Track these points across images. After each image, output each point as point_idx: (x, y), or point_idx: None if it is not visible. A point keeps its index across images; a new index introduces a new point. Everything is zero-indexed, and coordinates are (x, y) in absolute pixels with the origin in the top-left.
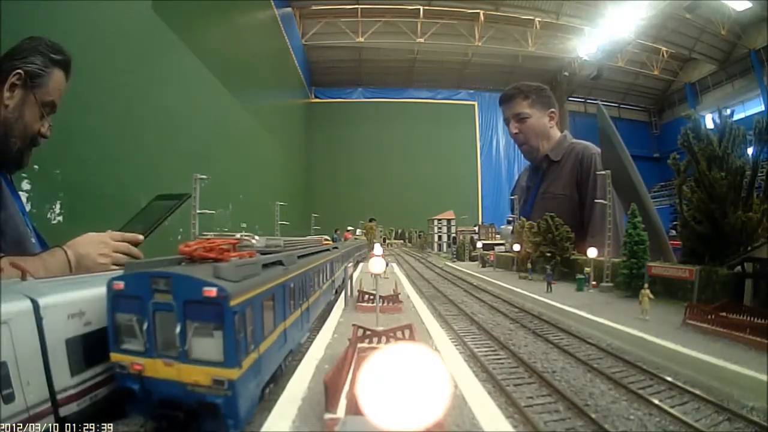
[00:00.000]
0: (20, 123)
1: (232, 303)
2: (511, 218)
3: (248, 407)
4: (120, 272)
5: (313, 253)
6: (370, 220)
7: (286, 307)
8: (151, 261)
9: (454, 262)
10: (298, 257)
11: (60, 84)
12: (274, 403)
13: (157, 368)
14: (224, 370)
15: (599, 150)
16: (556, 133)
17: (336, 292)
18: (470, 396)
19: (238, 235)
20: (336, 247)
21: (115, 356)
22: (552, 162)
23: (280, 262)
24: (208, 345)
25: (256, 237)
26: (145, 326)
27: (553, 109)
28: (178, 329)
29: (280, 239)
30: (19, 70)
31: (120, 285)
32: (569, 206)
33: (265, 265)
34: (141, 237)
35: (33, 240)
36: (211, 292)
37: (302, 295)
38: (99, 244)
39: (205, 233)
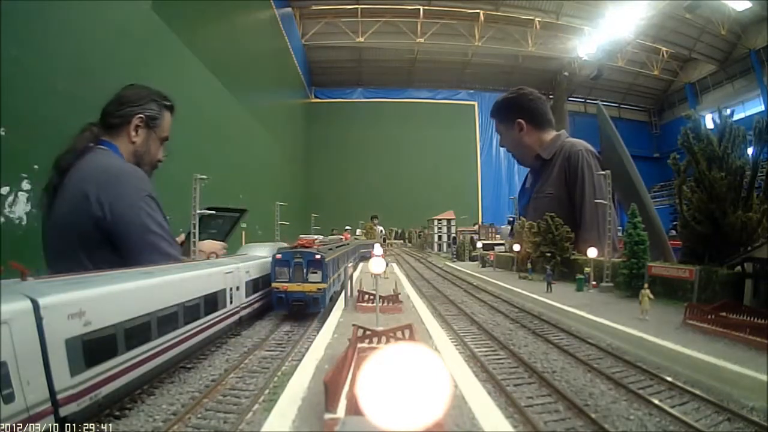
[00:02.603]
0: (147, 155)
1: (326, 260)
2: (511, 218)
3: (327, 301)
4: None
5: (341, 246)
6: (372, 218)
7: (334, 270)
8: (287, 247)
9: (454, 262)
10: (336, 247)
11: (169, 123)
12: (274, 402)
13: (293, 287)
14: (321, 284)
15: (588, 146)
16: (533, 139)
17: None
18: (470, 396)
19: (314, 236)
20: (348, 243)
21: (274, 284)
22: (545, 161)
23: (331, 248)
24: (315, 276)
25: (320, 236)
26: (290, 271)
27: (519, 119)
28: (304, 271)
29: (327, 238)
30: (140, 115)
31: (279, 256)
32: (560, 205)
33: (328, 249)
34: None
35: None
36: (318, 257)
37: (337, 267)
38: (221, 249)
39: (302, 236)
